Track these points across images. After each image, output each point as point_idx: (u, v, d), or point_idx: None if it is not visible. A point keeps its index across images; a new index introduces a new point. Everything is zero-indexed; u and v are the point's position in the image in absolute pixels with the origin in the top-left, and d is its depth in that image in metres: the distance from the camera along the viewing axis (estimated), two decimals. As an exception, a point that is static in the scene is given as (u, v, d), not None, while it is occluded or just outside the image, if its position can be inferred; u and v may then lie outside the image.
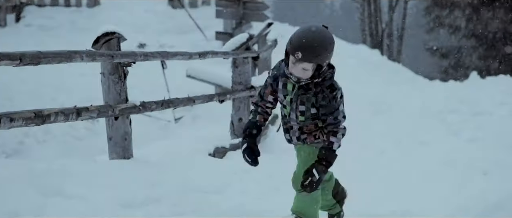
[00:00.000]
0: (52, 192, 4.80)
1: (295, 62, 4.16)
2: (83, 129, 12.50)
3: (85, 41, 11.05)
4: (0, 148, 11.67)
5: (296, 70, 4.20)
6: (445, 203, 7.13)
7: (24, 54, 4.58)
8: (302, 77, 4.23)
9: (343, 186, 5.18)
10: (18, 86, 13.48)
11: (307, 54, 4.10)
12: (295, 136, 4.53)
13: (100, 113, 5.73)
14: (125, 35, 6.13)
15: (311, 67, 4.17)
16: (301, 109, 4.37)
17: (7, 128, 4.48)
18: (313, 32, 4.15)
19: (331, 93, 4.28)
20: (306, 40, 4.11)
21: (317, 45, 4.11)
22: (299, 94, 4.34)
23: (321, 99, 4.29)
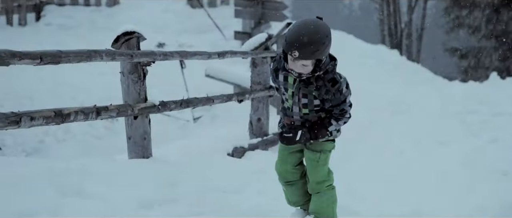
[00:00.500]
0: (71, 191, 4.82)
1: (292, 60, 4.11)
2: (103, 128, 12.55)
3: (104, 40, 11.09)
4: (20, 147, 11.73)
5: (296, 67, 4.14)
6: (463, 203, 7.09)
7: (45, 53, 4.60)
8: (303, 73, 4.17)
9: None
10: (38, 85, 13.56)
11: (304, 52, 4.02)
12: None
13: (120, 112, 5.74)
14: (144, 34, 6.14)
15: (310, 63, 4.11)
16: (303, 102, 4.32)
17: (27, 127, 4.51)
18: (308, 28, 4.04)
19: (333, 86, 4.23)
20: (301, 37, 4.01)
21: (313, 42, 4.01)
22: (300, 87, 4.28)
23: (324, 93, 4.24)
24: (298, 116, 4.39)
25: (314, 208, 4.67)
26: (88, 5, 18.68)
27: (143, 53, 5.97)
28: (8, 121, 4.33)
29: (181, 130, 12.39)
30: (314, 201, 4.66)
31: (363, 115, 11.80)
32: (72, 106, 5.06)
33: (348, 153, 9.22)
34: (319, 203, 4.64)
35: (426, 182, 8.07)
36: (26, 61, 4.45)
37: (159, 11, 18.87)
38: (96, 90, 13.51)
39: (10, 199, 4.29)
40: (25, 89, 13.28)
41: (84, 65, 12.79)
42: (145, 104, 6.14)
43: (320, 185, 4.60)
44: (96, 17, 18.10)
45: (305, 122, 4.39)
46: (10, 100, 12.61)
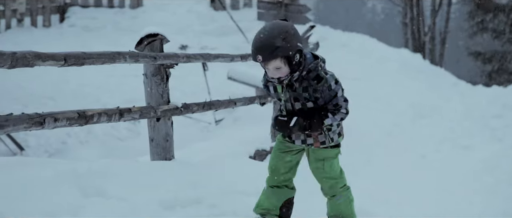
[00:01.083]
0: (94, 192, 4.83)
1: (264, 65, 4.11)
2: (125, 130, 12.60)
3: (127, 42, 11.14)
4: (43, 147, 11.81)
5: (271, 73, 4.13)
6: (486, 207, 7.05)
7: (69, 55, 4.63)
8: (281, 76, 4.13)
9: None
10: (62, 86, 13.65)
11: (265, 54, 4.01)
12: (299, 138, 4.43)
13: (142, 114, 5.76)
14: (167, 36, 6.15)
15: (280, 62, 4.07)
16: (298, 107, 4.27)
17: (51, 128, 4.54)
18: (263, 32, 4.05)
19: (319, 83, 4.18)
20: (258, 41, 4.03)
21: (269, 41, 3.99)
22: (289, 92, 4.25)
23: (312, 92, 4.19)
24: None
25: (333, 211, 4.65)
26: (112, 6, 18.77)
27: (166, 56, 5.98)
28: (32, 121, 4.36)
29: (203, 132, 12.42)
30: (332, 205, 4.63)
31: (385, 118, 11.77)
32: (96, 108, 5.08)
33: (370, 156, 9.20)
34: (336, 206, 4.62)
35: (449, 186, 8.04)
36: (50, 62, 4.48)
37: (182, 13, 18.92)
38: (118, 92, 13.57)
39: (33, 200, 4.31)
40: (48, 91, 13.37)
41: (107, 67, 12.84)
42: (168, 107, 6.15)
43: (334, 189, 4.57)
44: (120, 18, 18.18)
45: None
46: (34, 101, 12.70)
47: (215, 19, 18.78)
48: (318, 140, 4.37)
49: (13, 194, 4.27)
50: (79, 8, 18.45)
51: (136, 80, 12.59)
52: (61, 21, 18.19)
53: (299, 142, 4.42)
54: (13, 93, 13.08)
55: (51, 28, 17.83)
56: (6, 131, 4.22)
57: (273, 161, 4.61)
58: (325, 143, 4.39)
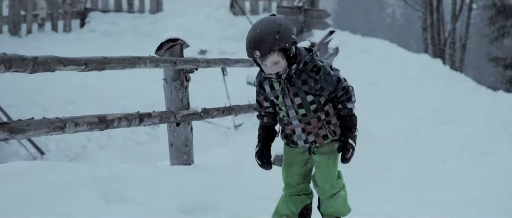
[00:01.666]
0: (114, 196, 4.85)
1: (261, 62, 4.05)
2: (144, 134, 12.64)
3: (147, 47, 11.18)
4: (63, 152, 11.88)
5: (269, 68, 4.08)
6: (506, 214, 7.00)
7: (90, 59, 4.65)
8: (279, 71, 4.09)
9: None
10: (82, 91, 13.71)
11: (263, 48, 3.97)
12: (301, 139, 4.35)
13: (162, 119, 5.78)
14: (187, 41, 6.17)
15: (278, 56, 4.02)
16: (297, 102, 4.22)
17: (72, 132, 4.56)
18: (257, 27, 4.02)
19: (318, 73, 4.14)
20: (253, 37, 3.99)
21: (265, 35, 3.96)
22: (287, 87, 4.19)
23: (314, 84, 4.15)
24: (297, 120, 4.29)
25: (332, 211, 4.60)
26: (132, 11, 18.84)
27: (186, 60, 6.00)
28: (53, 126, 4.38)
29: (222, 137, 12.43)
30: (330, 205, 4.57)
31: (404, 123, 11.73)
32: (116, 113, 5.10)
33: (389, 161, 9.17)
34: (336, 205, 4.57)
35: (470, 192, 7.99)
36: (71, 67, 4.50)
37: (202, 18, 18.96)
38: (138, 97, 13.62)
39: (54, 204, 4.33)
40: (69, 95, 13.44)
41: (127, 72, 12.89)
42: (188, 111, 6.16)
43: (333, 188, 4.50)
44: (139, 23, 18.25)
45: (305, 127, 4.29)
46: (54, 106, 12.78)
47: (234, 24, 18.81)
48: (320, 135, 4.31)
49: (34, 198, 4.29)
50: (99, 13, 18.53)
51: (155, 85, 12.64)
52: (81, 26, 18.27)
53: (302, 142, 4.35)
54: (34, 98, 13.17)
55: (72, 33, 17.92)
56: (27, 136, 4.24)
57: (285, 175, 4.58)
58: (328, 136, 4.32)
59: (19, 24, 17.14)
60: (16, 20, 17.09)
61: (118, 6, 18.76)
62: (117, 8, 18.76)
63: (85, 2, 18.48)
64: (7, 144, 11.65)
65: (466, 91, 16.33)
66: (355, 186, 7.21)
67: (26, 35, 17.26)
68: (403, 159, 9.51)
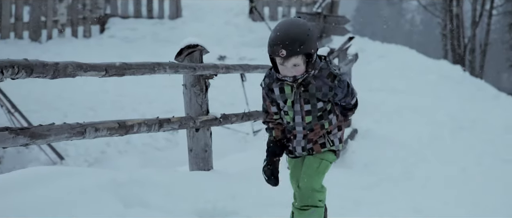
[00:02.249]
0: (134, 202, 4.86)
1: (282, 62, 3.98)
2: (163, 140, 12.66)
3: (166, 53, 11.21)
4: (82, 157, 11.91)
5: (288, 70, 4.01)
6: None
7: (110, 65, 4.67)
8: (297, 74, 4.03)
9: None
10: (101, 96, 13.76)
11: (290, 49, 3.91)
12: (300, 145, 4.28)
13: (182, 124, 5.79)
14: (206, 47, 6.18)
15: (301, 60, 3.97)
16: (307, 109, 4.16)
17: (92, 138, 4.58)
18: (286, 26, 3.96)
19: (334, 81, 4.09)
20: (283, 35, 3.92)
21: (295, 36, 3.91)
22: (300, 93, 4.13)
23: (328, 91, 4.11)
24: (301, 127, 4.23)
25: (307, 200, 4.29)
26: (151, 17, 18.91)
27: (206, 66, 6.01)
28: (73, 131, 4.40)
29: (241, 142, 12.42)
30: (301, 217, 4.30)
31: (424, 130, 11.68)
32: (135, 118, 5.12)
33: (409, 167, 9.13)
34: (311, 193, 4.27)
35: (490, 199, 7.93)
36: (92, 73, 4.52)
37: (221, 24, 18.99)
38: (156, 103, 13.65)
39: (75, 209, 4.35)
40: (88, 101, 13.49)
41: (145, 78, 12.93)
42: (207, 117, 6.17)
43: (313, 195, 4.24)
44: (159, 29, 18.30)
45: (307, 134, 4.23)
46: (74, 111, 12.83)
47: (253, 30, 18.82)
48: (318, 143, 4.25)
49: (55, 203, 4.31)
50: (119, 19, 18.61)
51: (174, 91, 12.66)
52: (101, 32, 18.36)
53: (300, 149, 4.29)
54: (54, 103, 13.22)
55: (91, 39, 18.00)
56: (48, 141, 4.26)
57: (292, 183, 4.49)
58: (325, 145, 4.26)
59: (39, 30, 17.25)
60: (36, 26, 17.20)
61: (137, 12, 18.83)
62: (136, 14, 18.83)
63: (105, 8, 18.57)
64: (27, 149, 11.71)
65: (486, 97, 16.23)
66: (377, 193, 7.20)
67: (46, 41, 17.36)
68: (423, 165, 9.46)
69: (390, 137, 10.47)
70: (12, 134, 3.95)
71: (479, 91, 16.80)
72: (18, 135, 3.99)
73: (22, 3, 17.19)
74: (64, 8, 17.71)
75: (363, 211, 6.38)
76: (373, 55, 17.66)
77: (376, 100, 13.44)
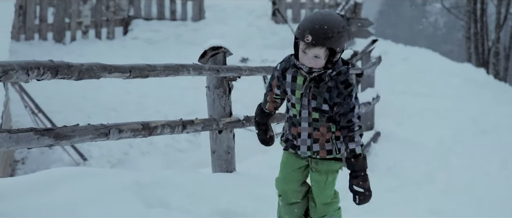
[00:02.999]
0: (157, 203, 4.88)
1: (305, 48, 3.88)
2: (185, 141, 12.69)
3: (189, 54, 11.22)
4: (105, 158, 11.97)
5: (307, 59, 3.91)
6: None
7: (134, 67, 4.69)
8: (315, 67, 3.93)
9: None
10: (124, 98, 13.82)
11: (318, 37, 3.81)
12: (305, 144, 4.15)
13: (205, 126, 5.80)
14: (229, 49, 6.18)
15: (323, 53, 3.88)
16: (313, 105, 4.04)
17: (116, 139, 4.60)
18: (323, 15, 3.88)
19: (346, 89, 3.97)
20: (316, 22, 3.83)
21: (327, 26, 3.82)
22: (310, 87, 4.02)
23: (335, 96, 3.98)
24: (307, 123, 4.10)
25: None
26: (174, 19, 18.95)
27: (229, 68, 6.02)
28: (97, 132, 4.43)
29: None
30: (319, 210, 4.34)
31: (447, 133, 11.62)
32: (159, 120, 5.14)
33: (432, 171, 9.09)
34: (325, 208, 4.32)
35: (513, 205, 7.89)
36: (116, 74, 4.54)
37: (243, 26, 19.00)
38: (179, 104, 13.69)
39: (98, 210, 4.37)
40: (111, 102, 13.55)
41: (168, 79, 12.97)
42: (230, 119, 6.18)
43: (328, 207, 4.31)
44: (182, 31, 18.34)
45: (313, 132, 4.10)
46: (97, 113, 12.90)
47: (276, 32, 18.81)
48: (325, 148, 4.13)
49: (78, 204, 4.33)
50: (142, 20, 18.67)
51: (196, 93, 12.69)
52: (124, 33, 18.43)
53: (305, 148, 4.15)
54: (77, 104, 13.31)
55: (115, 40, 18.08)
56: (72, 142, 4.29)
57: (280, 183, 4.39)
58: (332, 152, 4.14)
59: (63, 32, 17.36)
60: (60, 27, 17.31)
61: (161, 14, 18.89)
62: (160, 16, 18.88)
63: (128, 10, 18.65)
64: (50, 150, 11.79)
65: (510, 101, 16.12)
66: (400, 195, 7.17)
67: (70, 42, 17.47)
68: (446, 168, 9.41)
69: (413, 139, 10.42)
70: (37, 135, 3.97)
71: (503, 95, 16.70)
72: (43, 136, 4.01)
73: (46, 5, 17.33)
74: (88, 9, 17.81)
75: (384, 214, 6.36)
76: (396, 58, 17.60)
77: (399, 103, 13.40)
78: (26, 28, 16.90)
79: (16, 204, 4.14)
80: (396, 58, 17.50)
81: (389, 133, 10.46)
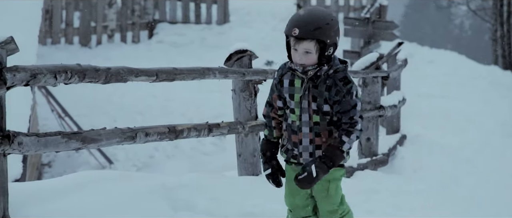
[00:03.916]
0: (183, 206, 4.90)
1: (295, 44, 3.78)
2: (210, 144, 12.73)
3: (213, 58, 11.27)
4: (131, 161, 12.05)
5: (298, 56, 3.80)
6: None
7: (160, 70, 4.71)
8: (307, 64, 3.81)
9: None
10: (149, 101, 13.88)
11: (305, 29, 3.72)
12: (307, 151, 3.97)
13: (231, 129, 5.81)
14: (254, 52, 6.19)
15: (313, 47, 3.76)
16: (314, 108, 3.89)
17: (142, 142, 4.61)
18: (309, 9, 3.84)
19: (345, 86, 3.84)
20: (302, 15, 3.78)
21: (314, 18, 3.74)
22: (309, 88, 3.89)
23: (334, 94, 3.84)
24: (308, 128, 3.93)
25: None
26: (199, 23, 18.99)
27: (255, 72, 6.01)
28: (124, 136, 4.44)
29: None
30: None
31: (473, 136, 11.55)
32: (185, 123, 5.15)
33: (458, 174, 9.03)
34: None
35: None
36: (143, 78, 4.56)
37: (268, 30, 18.99)
38: (204, 107, 13.72)
39: (125, 213, 4.39)
40: (137, 105, 13.62)
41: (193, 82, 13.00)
42: (256, 122, 6.17)
43: (333, 215, 4.15)
44: (206, 34, 18.37)
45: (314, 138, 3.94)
46: (123, 116, 12.97)
47: (301, 35, 18.78)
48: None
49: (106, 208, 4.35)
50: (167, 24, 18.73)
51: (221, 96, 12.72)
52: (149, 37, 18.50)
53: (307, 155, 3.97)
54: (103, 107, 13.39)
55: (140, 44, 18.16)
56: (99, 145, 4.31)
57: (288, 198, 4.23)
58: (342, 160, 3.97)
59: (89, 35, 17.49)
60: (86, 31, 17.44)
61: (186, 17, 18.94)
62: (185, 20, 18.93)
63: (153, 13, 18.72)
64: (77, 153, 11.88)
65: (537, 104, 15.98)
66: (426, 199, 7.12)
67: (96, 46, 17.58)
68: (473, 172, 9.33)
69: (439, 143, 10.35)
70: (64, 138, 4.00)
71: (530, 97, 16.55)
72: (70, 139, 4.04)
73: (72, 9, 17.46)
74: (114, 13, 17.92)
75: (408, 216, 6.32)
76: (422, 60, 17.51)
77: (425, 106, 13.34)
78: (52, 32, 17.04)
79: (44, 207, 4.17)
80: (422, 61, 17.41)
81: (415, 135, 10.40)
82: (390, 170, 8.56)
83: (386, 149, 8.93)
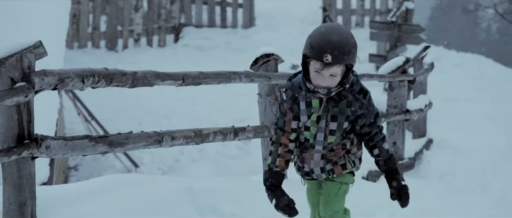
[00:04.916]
0: (209, 209, 4.90)
1: (321, 69, 3.57)
2: (235, 148, 12.72)
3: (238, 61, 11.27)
4: (156, 165, 12.08)
5: (323, 80, 3.61)
6: None
7: (187, 74, 4.72)
8: (331, 86, 3.64)
9: None
10: (175, 105, 13.91)
11: (337, 55, 3.52)
12: (318, 166, 3.88)
13: (257, 133, 5.80)
14: (280, 56, 6.18)
15: (340, 71, 3.59)
16: (332, 127, 3.76)
17: (168, 146, 4.62)
18: (336, 29, 3.59)
19: (365, 97, 3.75)
20: (332, 40, 3.53)
21: (344, 43, 3.54)
22: (329, 108, 3.74)
23: (358, 108, 3.74)
24: (321, 146, 3.82)
25: None
26: (225, 26, 19.03)
27: (281, 76, 6.01)
28: (150, 140, 4.46)
29: (314, 152, 12.36)
30: None
31: (501, 140, 11.44)
32: (211, 127, 5.16)
33: (486, 179, 8.96)
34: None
35: None
36: (169, 82, 4.58)
37: (294, 34, 18.95)
38: (229, 111, 13.72)
39: (152, 217, 4.40)
40: (163, 109, 13.66)
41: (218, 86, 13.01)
42: (281, 127, 6.16)
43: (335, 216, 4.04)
44: (232, 38, 18.39)
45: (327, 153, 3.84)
46: (148, 120, 13.01)
47: (326, 39, 18.73)
48: (338, 163, 3.88)
49: (132, 211, 4.37)
50: (193, 28, 18.78)
51: (246, 100, 12.72)
52: (175, 41, 18.56)
53: (318, 170, 3.89)
54: (129, 111, 13.44)
55: (166, 47, 18.22)
56: (126, 149, 4.32)
57: (310, 195, 4.19)
58: (346, 166, 3.89)
59: (115, 39, 17.59)
60: (113, 35, 17.54)
61: (211, 21, 18.98)
62: (210, 23, 18.98)
63: (179, 17, 18.79)
64: (103, 156, 11.93)
65: None
66: (454, 203, 7.07)
67: (122, 50, 17.68)
68: (501, 176, 9.25)
69: (466, 147, 10.28)
70: (92, 142, 4.02)
71: (559, 101, 16.38)
72: (97, 143, 4.06)
73: (99, 13, 17.58)
74: (140, 17, 18.01)
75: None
76: (449, 64, 17.40)
77: (451, 110, 13.24)
78: (79, 36, 17.18)
79: (71, 210, 4.20)
80: (449, 65, 17.30)
81: (442, 140, 10.34)
82: (416, 174, 8.52)
83: (413, 153, 8.88)
